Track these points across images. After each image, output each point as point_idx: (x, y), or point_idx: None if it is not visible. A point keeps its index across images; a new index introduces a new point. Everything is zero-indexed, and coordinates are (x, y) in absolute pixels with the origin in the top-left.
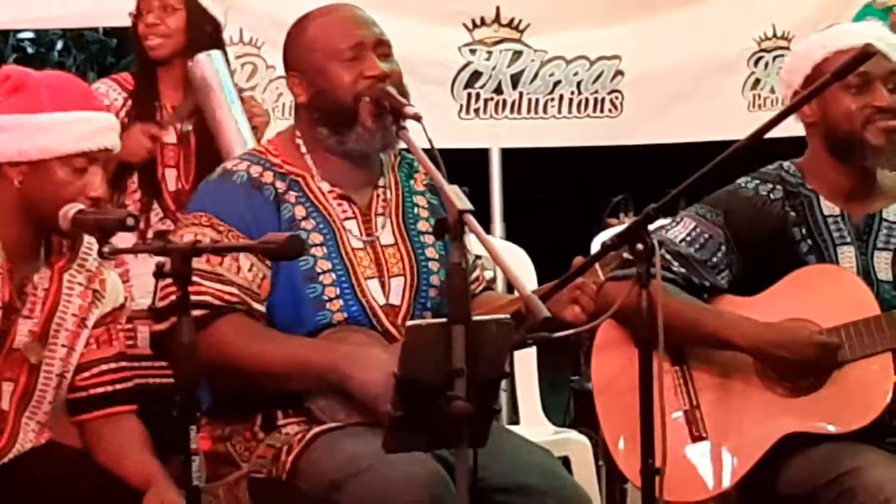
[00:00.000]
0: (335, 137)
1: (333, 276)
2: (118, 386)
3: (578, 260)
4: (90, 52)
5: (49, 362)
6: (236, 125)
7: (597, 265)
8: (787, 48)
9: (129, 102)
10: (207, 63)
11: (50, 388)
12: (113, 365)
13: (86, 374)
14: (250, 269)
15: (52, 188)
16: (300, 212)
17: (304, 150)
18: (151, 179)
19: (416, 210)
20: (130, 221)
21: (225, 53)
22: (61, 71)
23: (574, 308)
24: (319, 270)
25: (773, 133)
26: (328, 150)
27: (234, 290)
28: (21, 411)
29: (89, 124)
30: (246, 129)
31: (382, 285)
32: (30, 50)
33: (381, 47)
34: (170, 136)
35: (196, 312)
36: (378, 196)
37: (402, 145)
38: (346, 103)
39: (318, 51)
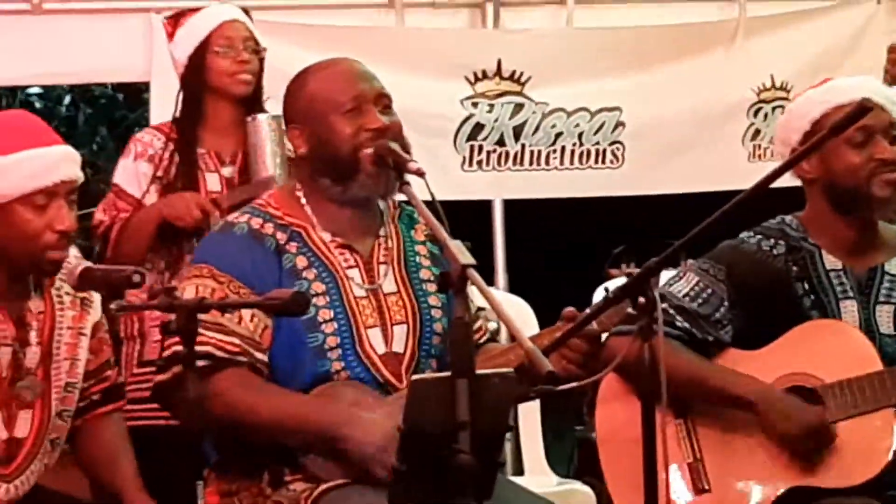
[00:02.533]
0: (337, 187)
1: (335, 325)
2: (104, 385)
3: (569, 311)
4: (99, 106)
5: (56, 378)
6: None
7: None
8: (787, 98)
9: (171, 148)
10: (265, 125)
11: (62, 407)
12: (107, 373)
13: (85, 385)
14: (252, 319)
15: (17, 228)
16: (302, 262)
17: (304, 201)
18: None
19: (417, 259)
20: (137, 278)
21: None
22: (65, 124)
23: (562, 362)
24: (321, 320)
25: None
26: (329, 199)
27: (236, 340)
28: (41, 435)
29: (39, 161)
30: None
31: (384, 334)
32: (38, 104)
33: (382, 100)
34: (214, 183)
35: (198, 363)
36: (380, 245)
37: (403, 197)
38: (348, 155)
39: (318, 103)
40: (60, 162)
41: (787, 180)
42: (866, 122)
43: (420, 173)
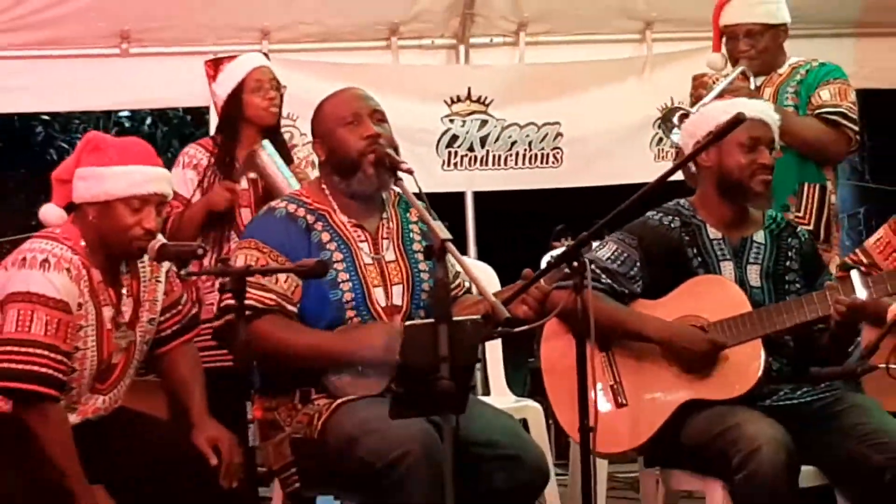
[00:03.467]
0: (344, 182)
1: (350, 284)
2: (178, 318)
3: (528, 271)
4: (172, 125)
5: (142, 315)
6: (287, 185)
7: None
8: None
9: (212, 160)
10: (263, 150)
11: (146, 337)
12: (179, 307)
13: (162, 318)
14: (286, 280)
15: (115, 222)
16: (326, 237)
17: (327, 192)
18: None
19: (411, 235)
20: (200, 251)
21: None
22: (146, 140)
23: (522, 307)
24: (340, 280)
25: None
26: (342, 192)
27: (273, 296)
28: (130, 359)
29: (142, 175)
30: (293, 186)
31: (386, 291)
32: (126, 124)
33: (375, 115)
34: (242, 184)
35: (245, 313)
36: (383, 225)
37: (398, 189)
38: (350, 157)
39: (329, 120)
40: (156, 180)
41: (678, 177)
42: (756, 134)
43: (410, 171)
